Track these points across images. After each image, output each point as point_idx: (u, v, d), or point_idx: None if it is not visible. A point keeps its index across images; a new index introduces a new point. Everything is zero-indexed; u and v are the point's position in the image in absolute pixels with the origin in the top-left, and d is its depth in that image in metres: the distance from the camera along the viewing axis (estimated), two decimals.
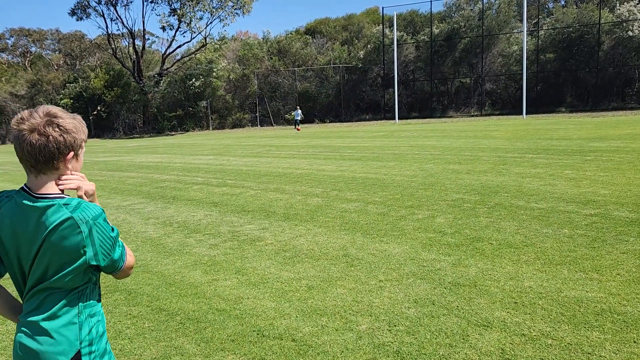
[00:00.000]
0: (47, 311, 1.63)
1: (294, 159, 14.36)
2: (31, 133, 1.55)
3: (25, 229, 1.60)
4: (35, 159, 1.57)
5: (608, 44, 36.44)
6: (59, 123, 1.59)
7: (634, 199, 6.62)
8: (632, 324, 3.23)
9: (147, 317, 3.82)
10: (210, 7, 38.78)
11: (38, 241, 1.58)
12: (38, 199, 1.59)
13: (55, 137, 1.57)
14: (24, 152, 1.56)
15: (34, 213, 1.58)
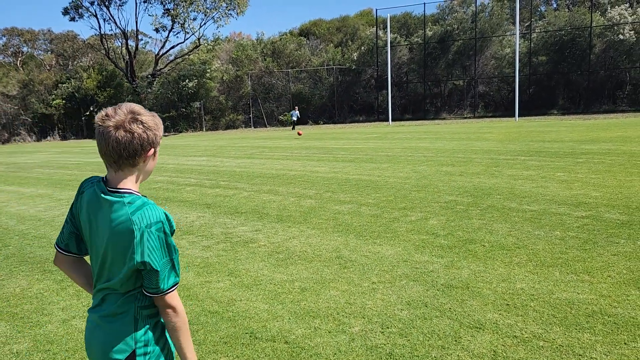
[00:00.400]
0: (107, 309, 1.69)
1: (287, 160, 14.35)
2: (117, 130, 1.59)
3: (97, 220, 1.66)
4: (119, 154, 1.61)
5: (599, 47, 36.71)
6: (142, 120, 1.63)
7: (625, 201, 6.68)
8: (622, 326, 3.25)
9: None
10: (204, 7, 38.72)
11: (106, 236, 1.63)
12: (110, 193, 1.64)
13: (140, 133, 1.61)
14: (109, 147, 1.60)
15: (105, 205, 1.63)
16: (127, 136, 1.59)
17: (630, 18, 35.65)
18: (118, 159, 1.62)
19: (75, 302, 4.23)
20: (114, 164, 1.64)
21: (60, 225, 7.24)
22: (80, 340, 3.53)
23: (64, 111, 41.11)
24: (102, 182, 1.68)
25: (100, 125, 1.61)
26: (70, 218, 1.78)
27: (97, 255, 1.68)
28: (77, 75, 42.24)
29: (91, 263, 1.75)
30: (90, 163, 16.90)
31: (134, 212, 1.59)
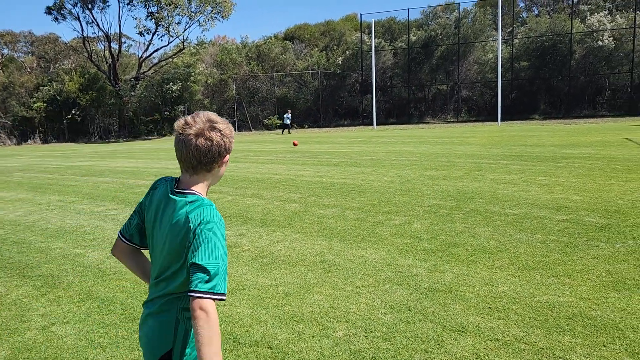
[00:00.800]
0: (155, 306, 1.76)
1: (272, 164, 14.33)
2: (197, 138, 1.68)
3: (162, 217, 1.74)
4: (199, 160, 1.69)
5: (580, 53, 37.34)
6: (220, 128, 1.72)
7: (604, 205, 6.79)
8: (601, 328, 3.30)
9: (121, 326, 3.76)
10: (189, 11, 38.52)
11: (166, 232, 1.71)
12: (176, 193, 1.73)
13: (218, 140, 1.70)
14: (190, 154, 1.69)
15: (171, 204, 1.72)
16: (207, 143, 1.68)
17: (609, 25, 36.34)
18: (197, 165, 1.71)
19: (55, 308, 4.17)
20: (191, 169, 1.72)
21: (39, 230, 7.13)
22: (60, 347, 3.48)
23: (45, 114, 40.51)
24: (175, 182, 1.78)
25: (181, 134, 1.69)
26: (138, 210, 1.88)
27: (157, 249, 1.76)
28: (59, 78, 41.69)
29: (151, 259, 1.83)
30: (72, 167, 16.68)
31: (192, 210, 1.65)
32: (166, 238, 1.70)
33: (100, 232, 6.83)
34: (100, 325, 3.79)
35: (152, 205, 1.80)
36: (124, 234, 1.90)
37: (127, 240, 1.89)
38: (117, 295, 4.39)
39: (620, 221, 5.94)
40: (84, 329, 3.73)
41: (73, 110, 39.83)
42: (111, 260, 5.42)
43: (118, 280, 4.79)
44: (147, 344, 1.77)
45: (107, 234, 6.69)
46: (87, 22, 42.43)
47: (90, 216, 8.01)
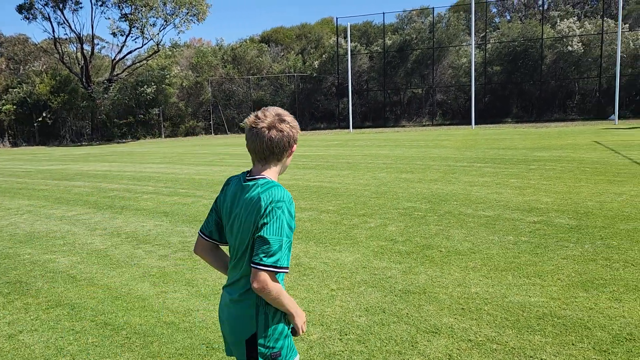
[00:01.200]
0: (235, 291, 1.89)
1: (248, 167, 14.22)
2: (269, 130, 1.82)
3: (238, 205, 1.87)
4: (271, 151, 1.84)
5: (550, 58, 38.19)
6: (288, 120, 1.86)
7: (574, 207, 6.94)
8: (571, 327, 3.37)
9: (91, 333, 3.68)
10: (164, 13, 38.10)
11: (243, 216, 1.83)
12: (249, 180, 1.86)
13: (288, 131, 1.84)
14: (263, 145, 1.83)
15: (245, 190, 1.85)
16: (278, 135, 1.82)
17: (578, 31, 37.27)
18: (269, 155, 1.85)
19: (22, 315, 4.06)
20: (262, 159, 1.87)
21: (7, 235, 6.95)
22: (28, 355, 3.39)
23: (14, 117, 39.49)
24: (246, 174, 1.92)
25: (255, 127, 1.83)
26: (214, 208, 2.02)
27: (236, 238, 1.87)
28: (29, 80, 40.73)
29: (229, 248, 1.95)
30: (43, 171, 16.31)
31: (264, 191, 1.79)
32: (241, 221, 1.83)
33: (71, 237, 6.68)
34: (70, 332, 3.71)
35: (227, 200, 1.93)
36: (204, 231, 2.02)
37: (208, 237, 2.01)
38: (87, 301, 4.30)
39: (589, 222, 6.08)
40: (53, 337, 3.65)
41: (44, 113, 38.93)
42: (82, 266, 5.32)
43: (89, 286, 4.69)
44: (232, 329, 1.90)
45: (79, 239, 6.55)
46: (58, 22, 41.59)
47: (60, 221, 7.84)
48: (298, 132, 1.90)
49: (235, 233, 1.87)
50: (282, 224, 1.74)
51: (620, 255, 4.79)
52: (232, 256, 1.92)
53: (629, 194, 7.62)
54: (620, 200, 7.25)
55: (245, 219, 1.81)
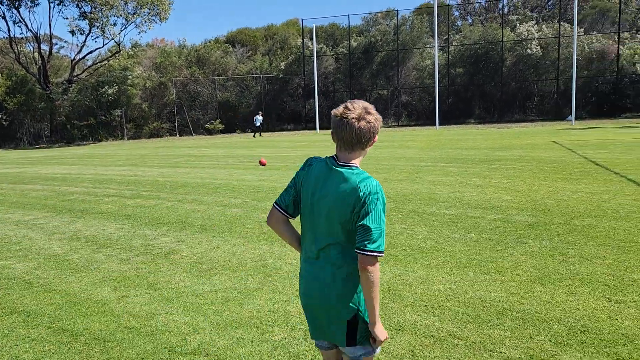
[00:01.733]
0: (327, 260, 2.04)
1: (213, 169, 14.10)
2: (359, 121, 1.97)
3: (325, 186, 2.03)
4: (359, 140, 2.00)
5: (510, 60, 39.21)
6: (373, 113, 2.02)
7: (533, 204, 7.14)
8: (529, 321, 3.46)
9: (48, 340, 3.57)
10: (125, 12, 37.30)
11: (334, 197, 2.00)
12: (341, 166, 2.02)
13: (373, 123, 2.01)
14: (352, 135, 1.98)
15: (336, 174, 2.01)
16: (366, 125, 1.98)
17: (537, 34, 38.41)
18: (356, 144, 2.01)
19: None
20: (350, 147, 2.02)
21: None
22: None
23: None
24: (333, 158, 2.08)
25: (345, 118, 1.98)
26: (293, 185, 2.16)
27: (320, 215, 2.04)
28: None
29: (307, 224, 2.11)
30: (4, 174, 15.73)
31: (361, 181, 1.96)
32: (335, 202, 1.99)
33: (28, 242, 6.46)
34: (25, 340, 3.59)
35: (310, 179, 2.09)
36: (280, 204, 2.16)
37: (284, 211, 2.16)
38: (44, 307, 4.17)
39: (546, 219, 6.27)
40: (7, 345, 3.52)
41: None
42: (39, 271, 5.15)
43: (46, 292, 4.55)
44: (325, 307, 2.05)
45: (35, 244, 6.34)
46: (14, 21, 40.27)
47: (16, 226, 7.57)
48: (381, 124, 2.06)
49: (322, 212, 2.03)
50: (380, 213, 1.95)
51: (575, 251, 4.95)
52: (314, 232, 2.08)
53: (584, 192, 7.89)
54: (576, 197, 7.50)
55: (342, 203, 1.98)
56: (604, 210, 6.57)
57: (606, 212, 6.50)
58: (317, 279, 2.06)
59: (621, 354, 2.96)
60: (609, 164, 10.89)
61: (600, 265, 4.49)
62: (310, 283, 2.10)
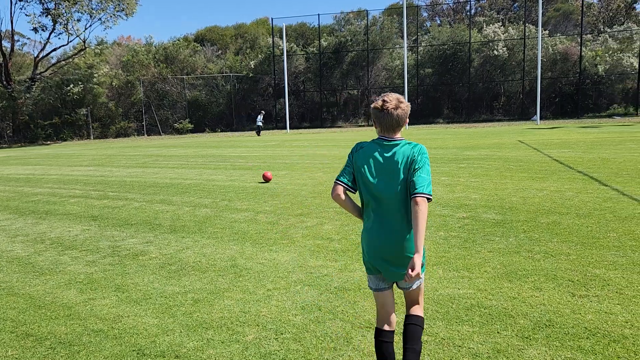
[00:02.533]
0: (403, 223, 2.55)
1: (182, 169, 13.92)
2: (396, 110, 2.53)
3: (382, 158, 2.56)
4: (398, 124, 2.56)
5: (478, 61, 39.96)
6: (403, 101, 2.57)
7: (500, 202, 7.29)
8: (496, 316, 3.53)
9: (11, 345, 3.46)
10: (90, 8, 36.45)
11: (390, 164, 2.54)
12: (390, 141, 2.58)
13: (405, 109, 2.57)
14: (393, 120, 2.54)
15: (390, 148, 2.57)
16: (401, 112, 2.54)
17: (503, 36, 39.23)
18: (396, 126, 2.57)
19: None
20: (392, 129, 2.57)
21: None
22: None
23: None
24: (380, 138, 2.61)
25: (385, 108, 2.52)
26: (350, 164, 2.66)
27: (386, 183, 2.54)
28: None
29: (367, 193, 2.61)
30: None
31: (413, 147, 2.55)
32: (393, 168, 2.53)
33: None
34: None
35: (364, 158, 2.60)
36: (342, 180, 2.65)
37: (346, 184, 2.64)
38: (7, 312, 4.04)
39: (513, 217, 6.41)
40: None
41: None
42: (1, 275, 4.99)
43: (9, 295, 4.41)
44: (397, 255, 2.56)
45: None
46: None
47: None
48: (409, 109, 2.62)
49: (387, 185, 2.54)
50: (429, 167, 2.54)
51: (541, 247, 5.08)
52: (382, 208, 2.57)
53: (549, 190, 8.11)
54: (541, 195, 7.70)
55: (400, 168, 2.52)
56: (568, 208, 6.76)
57: (570, 209, 6.69)
58: (388, 238, 2.56)
59: (584, 347, 3.05)
60: (572, 162, 11.21)
61: (564, 261, 4.62)
62: (382, 241, 2.58)
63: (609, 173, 9.48)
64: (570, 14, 44.74)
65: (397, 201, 2.54)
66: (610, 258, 4.65)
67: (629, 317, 3.42)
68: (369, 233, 2.64)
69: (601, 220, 6.05)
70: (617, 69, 36.78)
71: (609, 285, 3.99)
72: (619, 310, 3.54)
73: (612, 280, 4.09)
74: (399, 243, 2.54)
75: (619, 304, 3.63)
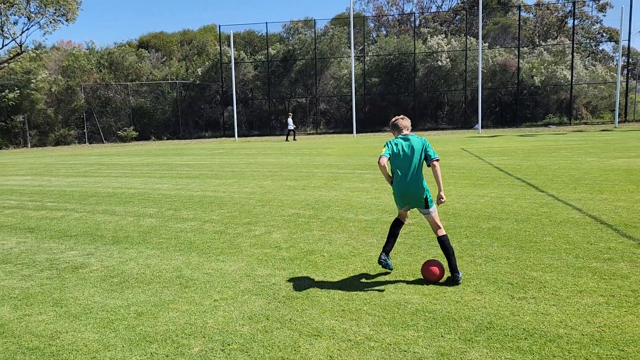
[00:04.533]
0: (413, 182, 4.45)
1: (126, 177, 13.50)
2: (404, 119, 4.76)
3: (409, 145, 4.51)
4: (410, 127, 4.67)
5: (422, 71, 41.08)
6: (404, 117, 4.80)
7: (444, 209, 7.50)
8: (440, 320, 3.62)
9: None
10: (28, 11, 34.86)
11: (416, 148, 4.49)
12: (408, 135, 4.61)
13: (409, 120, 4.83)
14: (409, 124, 4.70)
15: (410, 139, 4.54)
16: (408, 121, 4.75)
17: (446, 47, 40.54)
18: (410, 127, 4.65)
19: None
20: (407, 129, 4.65)
21: None
22: None
23: None
24: (402, 134, 4.64)
25: (403, 119, 4.75)
26: (389, 149, 4.54)
27: (409, 158, 4.47)
28: None
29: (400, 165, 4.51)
30: None
31: (421, 138, 4.52)
32: (414, 151, 4.47)
33: None
34: None
35: (398, 146, 4.54)
36: (387, 155, 4.51)
37: (388, 158, 4.51)
38: None
39: (456, 222, 6.62)
40: None
41: None
42: None
43: None
44: (414, 195, 4.48)
45: None
46: None
47: None
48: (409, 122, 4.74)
49: (410, 159, 4.47)
50: (431, 146, 4.53)
51: (482, 252, 5.27)
52: (407, 171, 4.47)
53: (490, 196, 8.42)
54: (482, 201, 7.98)
55: (417, 149, 4.47)
56: (507, 213, 7.04)
57: (509, 214, 6.97)
58: (409, 186, 4.48)
59: (523, 347, 3.18)
60: (511, 170, 11.70)
61: (504, 265, 4.81)
62: (406, 188, 4.49)
63: (545, 180, 9.96)
64: (508, 27, 46.82)
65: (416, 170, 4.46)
66: (547, 261, 4.88)
67: (564, 317, 3.59)
68: (397, 187, 4.55)
69: (538, 224, 6.34)
70: (551, 80, 38.75)
71: (545, 287, 4.19)
72: (554, 310, 3.71)
73: (548, 282, 4.29)
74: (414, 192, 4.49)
75: (555, 305, 3.81)
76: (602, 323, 3.48)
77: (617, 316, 3.59)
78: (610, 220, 6.43)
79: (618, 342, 3.20)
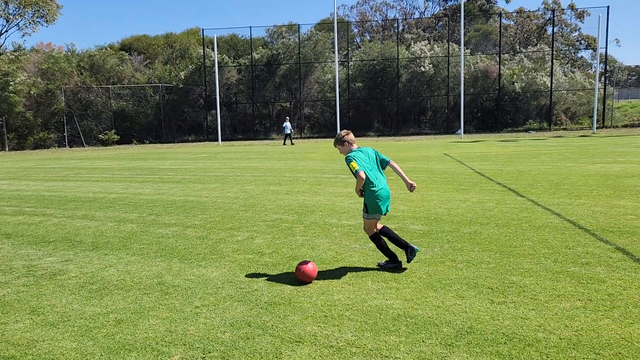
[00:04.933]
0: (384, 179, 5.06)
1: (107, 182, 13.34)
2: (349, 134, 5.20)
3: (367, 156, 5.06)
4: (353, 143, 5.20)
5: (406, 77, 41.41)
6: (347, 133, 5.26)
7: (426, 214, 7.56)
8: (422, 326, 3.64)
9: None
10: (6, 13, 34.38)
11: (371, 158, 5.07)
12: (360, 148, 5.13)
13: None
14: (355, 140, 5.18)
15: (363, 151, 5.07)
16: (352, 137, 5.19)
17: (429, 53, 40.93)
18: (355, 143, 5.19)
19: None
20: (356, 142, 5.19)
21: None
22: None
23: None
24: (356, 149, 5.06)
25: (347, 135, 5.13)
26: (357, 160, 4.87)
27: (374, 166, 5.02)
28: None
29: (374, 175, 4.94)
30: None
31: (368, 147, 5.13)
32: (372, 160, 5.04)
33: None
34: None
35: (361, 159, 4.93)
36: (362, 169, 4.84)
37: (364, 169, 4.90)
38: None
39: (438, 227, 6.66)
40: None
41: None
42: None
43: None
44: (388, 198, 5.03)
45: None
46: None
47: None
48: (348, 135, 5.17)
49: (374, 166, 4.98)
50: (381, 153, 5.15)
51: (463, 256, 5.31)
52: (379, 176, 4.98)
53: (472, 201, 8.50)
54: (464, 206, 8.05)
55: (372, 158, 5.03)
56: (488, 218, 7.11)
57: (490, 219, 7.04)
58: (386, 186, 4.97)
59: (502, 352, 3.21)
60: (492, 175, 11.83)
61: (485, 270, 4.85)
62: (387, 191, 4.97)
63: (525, 185, 10.09)
64: (489, 34, 47.46)
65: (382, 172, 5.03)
66: (526, 265, 4.94)
67: (542, 321, 3.63)
68: (378, 189, 4.90)
69: (518, 229, 6.42)
70: (532, 86, 39.34)
71: (525, 292, 4.23)
72: (533, 315, 3.76)
73: (528, 287, 4.34)
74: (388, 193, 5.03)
75: (533, 309, 3.86)
76: (579, 327, 3.53)
77: (593, 320, 3.64)
78: (588, 225, 6.54)
79: (594, 346, 3.25)
